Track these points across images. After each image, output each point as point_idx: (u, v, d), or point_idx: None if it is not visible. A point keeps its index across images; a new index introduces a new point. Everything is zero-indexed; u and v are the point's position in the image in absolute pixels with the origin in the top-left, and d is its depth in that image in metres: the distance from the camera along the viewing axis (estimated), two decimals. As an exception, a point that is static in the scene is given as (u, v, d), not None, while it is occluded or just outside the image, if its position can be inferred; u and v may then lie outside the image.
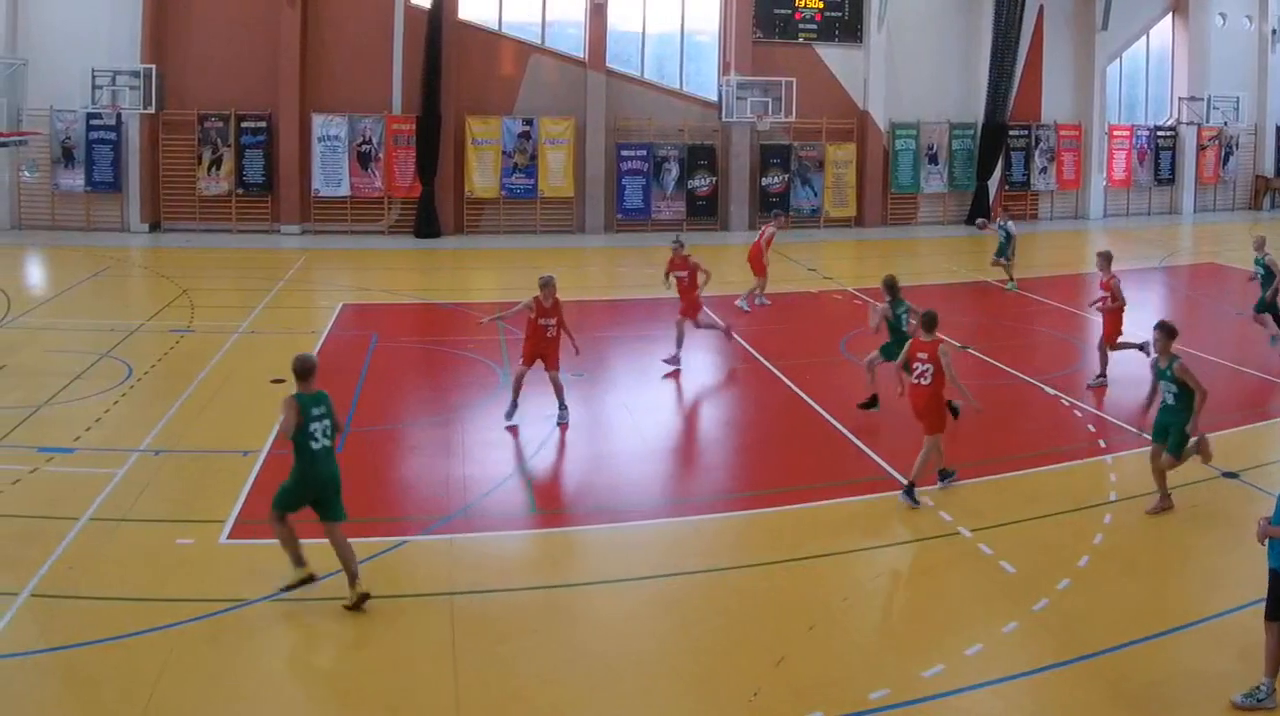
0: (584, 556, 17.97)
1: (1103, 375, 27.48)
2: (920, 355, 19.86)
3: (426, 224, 53.21)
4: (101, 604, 15.31)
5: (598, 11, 55.23)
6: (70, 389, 25.92)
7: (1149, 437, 19.68)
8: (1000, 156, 61.52)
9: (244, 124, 52.80)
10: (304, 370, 16.41)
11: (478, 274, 40.43)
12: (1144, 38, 66.92)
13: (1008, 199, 58.34)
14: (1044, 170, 63.55)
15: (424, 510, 19.40)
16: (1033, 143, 63.00)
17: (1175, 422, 18.68)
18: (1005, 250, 40.13)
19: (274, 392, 25.68)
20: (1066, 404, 25.92)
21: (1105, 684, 13.33)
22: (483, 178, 54.90)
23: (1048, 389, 27.02)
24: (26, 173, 50.73)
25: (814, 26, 59.09)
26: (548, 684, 13.71)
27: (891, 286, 24.93)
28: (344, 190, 53.58)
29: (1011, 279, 40.57)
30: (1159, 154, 66.44)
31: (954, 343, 24.27)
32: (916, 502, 19.30)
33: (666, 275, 29.99)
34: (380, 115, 53.58)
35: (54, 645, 14.14)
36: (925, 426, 19.78)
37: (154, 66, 50.16)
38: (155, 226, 52.38)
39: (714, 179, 57.44)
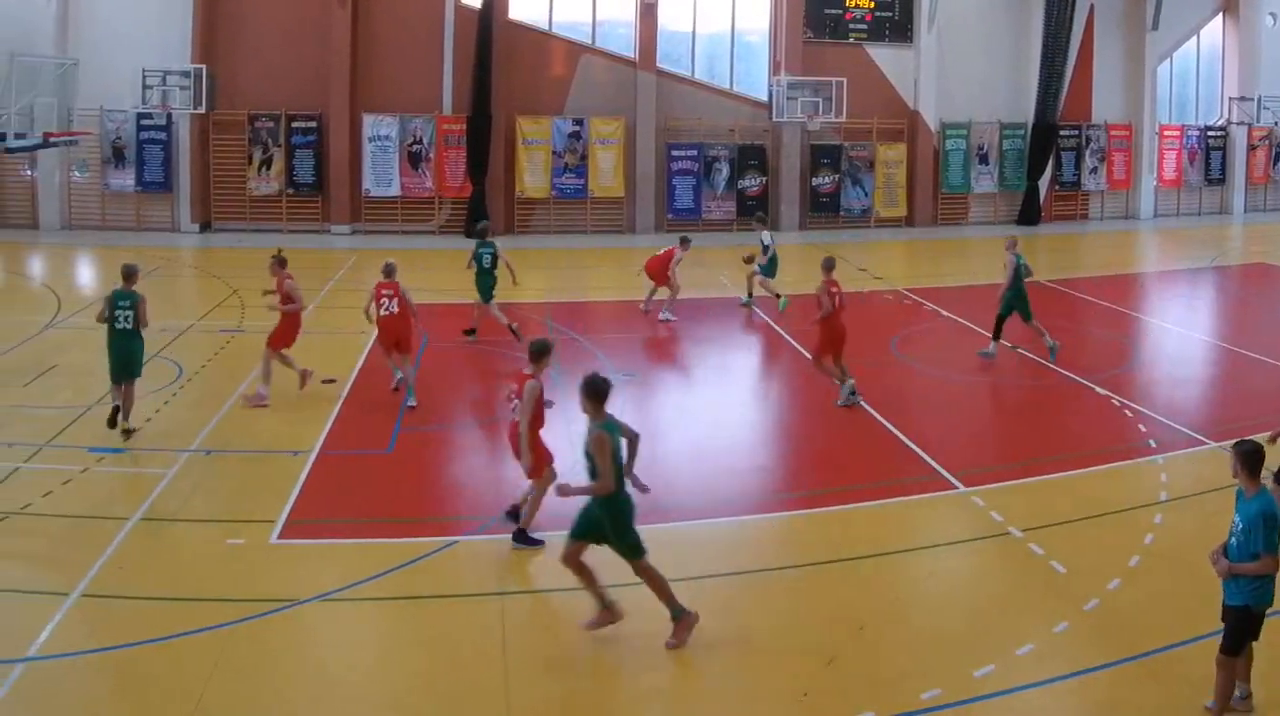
0: (635, 556, 17.90)
1: (854, 393, 25.80)
2: (513, 387, 18.06)
3: (477, 224, 52.93)
4: (152, 604, 15.41)
5: (648, 11, 55.24)
6: (122, 389, 26.08)
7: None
8: (1051, 156, 61.30)
9: (294, 124, 53.19)
10: (125, 273, 23.63)
11: (528, 274, 40.39)
12: (1194, 38, 66.52)
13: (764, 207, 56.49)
14: (1094, 170, 63.29)
15: (475, 510, 19.40)
16: (1083, 143, 62.73)
17: (597, 509, 14.95)
18: (769, 269, 36.27)
19: (325, 393, 25.86)
20: (1117, 403, 25.79)
21: (1157, 683, 13.26)
22: (533, 178, 55.06)
23: (1098, 389, 26.89)
24: (77, 173, 51.13)
25: (864, 26, 59.00)
26: (598, 684, 13.78)
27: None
28: (394, 190, 53.88)
29: (778, 295, 36.06)
30: (1209, 154, 66.10)
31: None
32: (534, 542, 17.77)
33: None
34: (431, 115, 53.85)
35: (105, 645, 14.25)
36: (525, 467, 17.68)
37: (204, 66, 50.46)
38: (206, 226, 52.68)
39: (764, 179, 57.47)
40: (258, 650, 14.25)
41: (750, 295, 37.30)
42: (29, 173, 51.30)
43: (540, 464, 17.73)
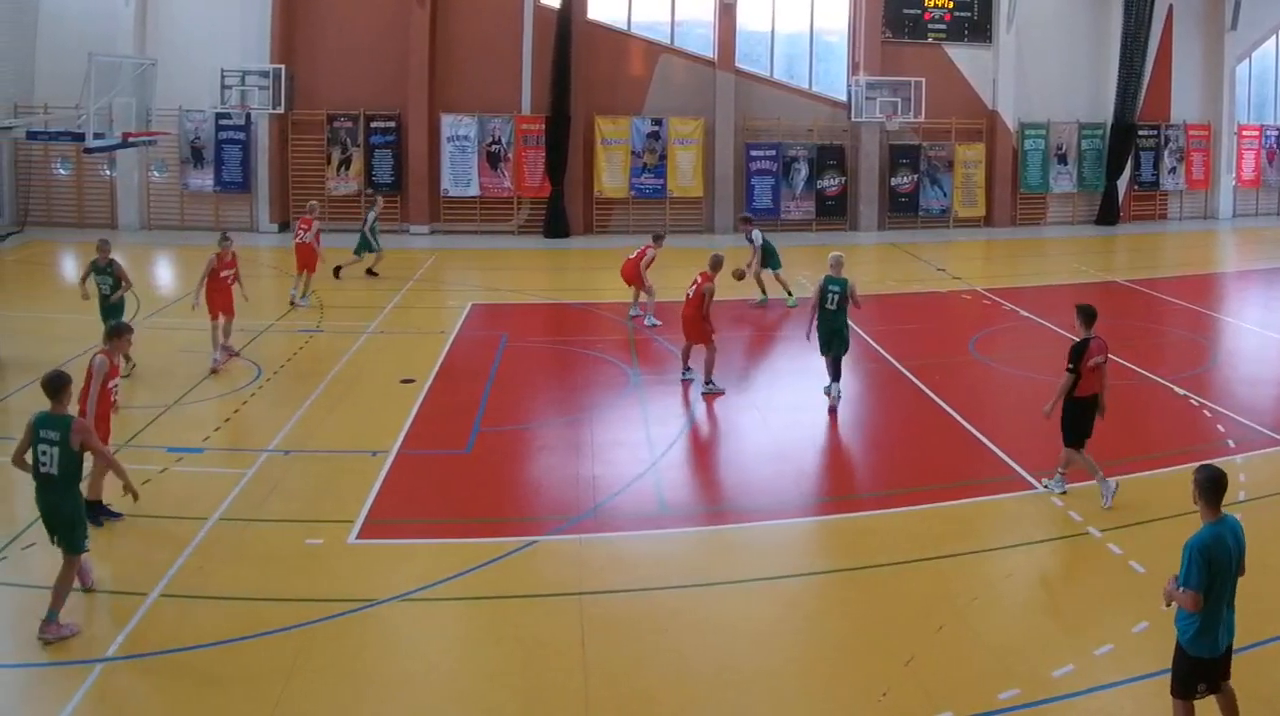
0: (713, 557, 17.98)
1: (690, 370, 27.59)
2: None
3: (555, 224, 53.52)
4: (230, 604, 15.57)
5: (727, 11, 55.16)
6: (199, 389, 26.26)
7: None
8: (1129, 156, 60.79)
9: (373, 124, 53.45)
10: (99, 247, 25.76)
11: (607, 274, 40.44)
12: (1273, 37, 65.71)
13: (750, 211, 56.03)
14: (1173, 170, 62.70)
15: (553, 510, 19.50)
16: (1162, 142, 62.12)
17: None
18: (772, 260, 37.30)
19: (403, 393, 25.96)
20: (1195, 403, 25.65)
21: (1235, 683, 13.07)
22: (612, 178, 55.18)
23: (1177, 388, 26.77)
24: (156, 173, 51.57)
25: (943, 26, 58.68)
26: (676, 683, 13.79)
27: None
28: (473, 190, 54.00)
29: (764, 294, 37.85)
30: (1288, 154, 65.52)
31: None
32: (113, 517, 18.24)
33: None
34: (509, 115, 53.92)
35: (183, 645, 14.38)
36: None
37: (283, 66, 51.02)
38: (284, 226, 52.92)
39: (843, 179, 57.27)
40: (336, 650, 14.37)
41: (764, 294, 37.81)
42: (108, 173, 51.83)
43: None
